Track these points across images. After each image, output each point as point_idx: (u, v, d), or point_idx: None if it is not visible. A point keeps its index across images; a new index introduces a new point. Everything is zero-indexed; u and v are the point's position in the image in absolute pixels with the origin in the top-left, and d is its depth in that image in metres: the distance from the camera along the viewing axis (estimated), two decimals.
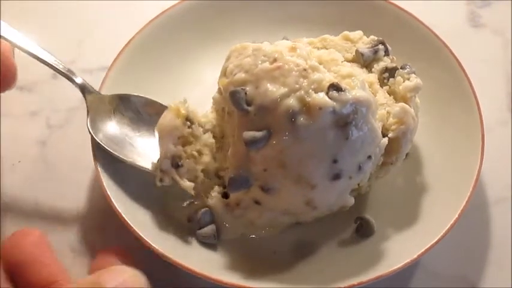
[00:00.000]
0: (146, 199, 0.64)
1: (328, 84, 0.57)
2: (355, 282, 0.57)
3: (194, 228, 0.62)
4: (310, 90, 0.57)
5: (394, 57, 0.66)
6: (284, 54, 0.58)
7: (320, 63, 0.60)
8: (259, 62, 0.58)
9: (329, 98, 0.56)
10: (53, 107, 0.75)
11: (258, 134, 0.57)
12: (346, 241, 0.63)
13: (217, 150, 0.64)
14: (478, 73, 0.70)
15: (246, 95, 0.57)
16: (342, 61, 0.63)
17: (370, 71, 0.65)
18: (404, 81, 0.63)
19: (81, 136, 0.65)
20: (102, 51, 0.76)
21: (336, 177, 0.58)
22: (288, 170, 0.57)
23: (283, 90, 0.57)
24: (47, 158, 0.72)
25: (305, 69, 0.57)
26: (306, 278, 0.60)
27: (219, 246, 0.62)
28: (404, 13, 0.73)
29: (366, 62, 0.65)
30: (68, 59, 0.66)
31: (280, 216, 0.62)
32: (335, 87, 0.56)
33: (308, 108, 0.56)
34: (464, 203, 0.61)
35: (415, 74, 0.64)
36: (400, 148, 0.61)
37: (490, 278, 0.64)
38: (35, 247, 0.53)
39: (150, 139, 0.65)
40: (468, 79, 0.68)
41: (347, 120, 0.56)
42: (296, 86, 0.57)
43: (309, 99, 0.56)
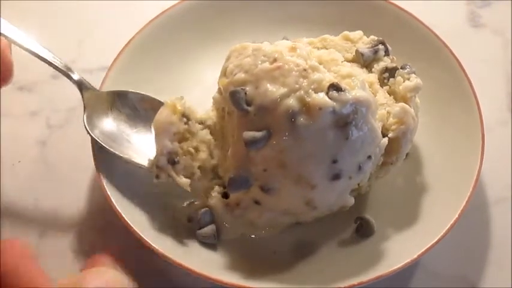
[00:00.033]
0: (146, 199, 0.64)
1: (328, 84, 0.57)
2: (355, 282, 0.57)
3: (194, 228, 0.62)
4: (310, 90, 0.57)
5: (394, 57, 0.66)
6: (284, 54, 0.58)
7: (320, 63, 0.60)
8: (259, 62, 0.58)
9: (329, 98, 0.56)
10: (53, 107, 0.75)
11: (257, 134, 0.57)
12: (346, 241, 0.63)
13: (215, 147, 0.64)
14: (478, 73, 0.70)
15: (246, 95, 0.57)
16: (342, 61, 0.63)
17: (370, 71, 0.65)
18: (404, 81, 0.63)
19: (81, 136, 0.65)
20: (102, 51, 0.76)
21: (336, 177, 0.58)
22: (288, 170, 0.57)
23: (283, 90, 0.56)
24: (47, 158, 0.72)
25: (305, 69, 0.57)
26: (306, 278, 0.60)
27: (219, 246, 0.62)
28: (404, 13, 0.73)
29: (366, 62, 0.65)
30: (68, 59, 0.66)
31: (280, 216, 0.62)
32: (335, 87, 0.56)
33: (308, 108, 0.56)
34: (464, 203, 0.61)
35: (415, 74, 0.64)
36: (400, 148, 0.61)
37: (490, 278, 0.64)
38: (17, 258, 0.51)
39: (147, 135, 0.64)
40: (468, 79, 0.68)
41: (347, 120, 0.56)
42: (296, 86, 0.57)
43: (308, 99, 0.56)
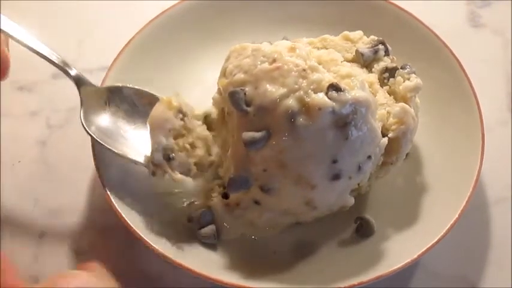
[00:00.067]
0: (146, 199, 0.64)
1: (327, 84, 0.57)
2: (355, 282, 0.57)
3: (194, 228, 0.62)
4: (310, 91, 0.56)
5: (394, 57, 0.66)
6: (283, 54, 0.58)
7: (319, 64, 0.60)
8: (259, 63, 0.58)
9: (328, 98, 0.56)
10: (53, 107, 0.75)
11: (257, 135, 0.57)
12: (346, 241, 0.63)
13: (213, 143, 0.64)
14: (478, 73, 0.70)
15: (245, 95, 0.57)
16: (342, 61, 0.63)
17: (370, 71, 0.65)
18: (404, 81, 0.63)
19: (81, 136, 0.64)
20: (102, 51, 0.75)
21: (336, 177, 0.58)
22: (288, 170, 0.57)
23: (283, 90, 0.56)
24: (47, 158, 0.72)
25: (304, 70, 0.57)
26: (306, 278, 0.60)
27: (219, 246, 0.62)
28: (404, 13, 0.73)
29: (366, 62, 0.65)
30: (68, 59, 0.66)
31: (280, 216, 0.62)
32: (334, 88, 0.56)
33: (307, 108, 0.56)
34: (464, 203, 0.61)
35: (415, 74, 0.64)
36: (400, 148, 0.61)
37: (490, 278, 0.64)
38: None
39: (145, 132, 0.64)
40: (468, 79, 0.68)
41: (346, 120, 0.56)
42: (295, 86, 0.56)
43: (308, 100, 0.56)
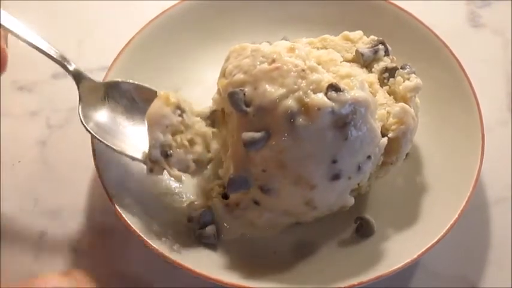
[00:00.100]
0: (146, 199, 0.64)
1: (326, 84, 0.57)
2: (355, 282, 0.57)
3: (194, 228, 0.62)
4: (309, 91, 0.56)
5: (394, 57, 0.66)
6: (282, 54, 0.58)
7: (319, 64, 0.60)
8: (258, 63, 0.58)
9: (328, 98, 0.56)
10: (53, 107, 0.75)
11: (256, 135, 0.57)
12: (346, 241, 0.63)
13: (213, 139, 0.63)
14: (478, 73, 0.70)
15: (245, 96, 0.57)
16: (341, 61, 0.63)
17: (370, 71, 0.65)
18: (404, 81, 0.63)
19: (81, 136, 0.65)
20: (102, 51, 0.75)
21: (336, 177, 0.58)
22: (288, 170, 0.57)
23: (282, 91, 0.56)
24: (47, 158, 0.72)
25: (303, 70, 0.57)
26: (306, 278, 0.60)
27: (219, 246, 0.62)
28: (404, 13, 0.73)
29: (366, 62, 0.65)
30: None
31: (280, 216, 0.62)
32: (334, 88, 0.56)
33: (307, 108, 0.56)
34: (464, 203, 0.61)
35: (415, 74, 0.64)
36: (400, 148, 0.61)
37: (490, 278, 0.64)
38: None
39: (143, 128, 0.63)
40: (468, 79, 0.68)
41: (346, 120, 0.56)
42: (295, 86, 0.56)
43: (307, 100, 0.56)
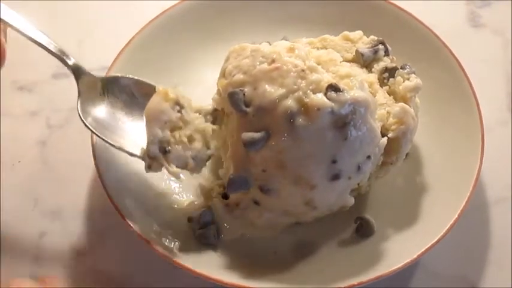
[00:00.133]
0: (146, 199, 0.64)
1: (326, 84, 0.57)
2: (355, 282, 0.57)
3: (194, 228, 0.62)
4: (309, 91, 0.56)
5: (394, 57, 0.66)
6: (282, 55, 0.58)
7: (318, 64, 0.60)
8: (258, 63, 0.58)
9: (327, 98, 0.56)
10: (53, 107, 0.75)
11: (256, 135, 0.57)
12: (346, 241, 0.63)
13: (212, 136, 0.63)
14: (478, 73, 0.70)
15: (245, 96, 0.57)
16: (341, 61, 0.63)
17: (370, 71, 0.65)
18: (404, 81, 0.63)
19: (81, 136, 0.65)
20: (102, 51, 0.75)
21: (335, 177, 0.58)
22: (287, 170, 0.57)
23: (282, 91, 0.56)
24: (47, 158, 0.72)
25: (303, 70, 0.57)
26: (306, 278, 0.60)
27: (219, 246, 0.62)
28: (404, 13, 0.73)
29: (365, 62, 0.65)
30: None
31: (280, 216, 0.62)
32: (333, 88, 0.56)
33: (306, 109, 0.56)
34: (464, 203, 0.61)
35: (415, 74, 0.64)
36: (400, 148, 0.61)
37: (490, 278, 0.64)
38: None
39: (142, 123, 0.61)
40: (468, 79, 0.68)
41: (345, 120, 0.56)
42: (294, 86, 0.56)
43: (307, 100, 0.56)
